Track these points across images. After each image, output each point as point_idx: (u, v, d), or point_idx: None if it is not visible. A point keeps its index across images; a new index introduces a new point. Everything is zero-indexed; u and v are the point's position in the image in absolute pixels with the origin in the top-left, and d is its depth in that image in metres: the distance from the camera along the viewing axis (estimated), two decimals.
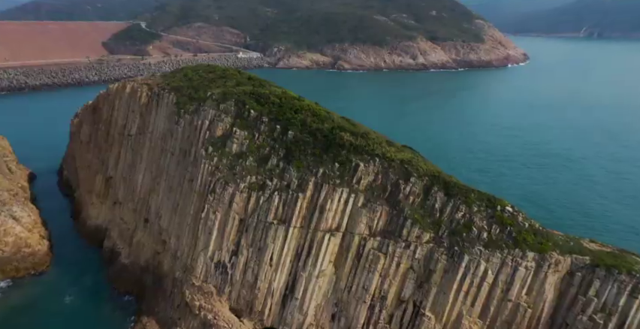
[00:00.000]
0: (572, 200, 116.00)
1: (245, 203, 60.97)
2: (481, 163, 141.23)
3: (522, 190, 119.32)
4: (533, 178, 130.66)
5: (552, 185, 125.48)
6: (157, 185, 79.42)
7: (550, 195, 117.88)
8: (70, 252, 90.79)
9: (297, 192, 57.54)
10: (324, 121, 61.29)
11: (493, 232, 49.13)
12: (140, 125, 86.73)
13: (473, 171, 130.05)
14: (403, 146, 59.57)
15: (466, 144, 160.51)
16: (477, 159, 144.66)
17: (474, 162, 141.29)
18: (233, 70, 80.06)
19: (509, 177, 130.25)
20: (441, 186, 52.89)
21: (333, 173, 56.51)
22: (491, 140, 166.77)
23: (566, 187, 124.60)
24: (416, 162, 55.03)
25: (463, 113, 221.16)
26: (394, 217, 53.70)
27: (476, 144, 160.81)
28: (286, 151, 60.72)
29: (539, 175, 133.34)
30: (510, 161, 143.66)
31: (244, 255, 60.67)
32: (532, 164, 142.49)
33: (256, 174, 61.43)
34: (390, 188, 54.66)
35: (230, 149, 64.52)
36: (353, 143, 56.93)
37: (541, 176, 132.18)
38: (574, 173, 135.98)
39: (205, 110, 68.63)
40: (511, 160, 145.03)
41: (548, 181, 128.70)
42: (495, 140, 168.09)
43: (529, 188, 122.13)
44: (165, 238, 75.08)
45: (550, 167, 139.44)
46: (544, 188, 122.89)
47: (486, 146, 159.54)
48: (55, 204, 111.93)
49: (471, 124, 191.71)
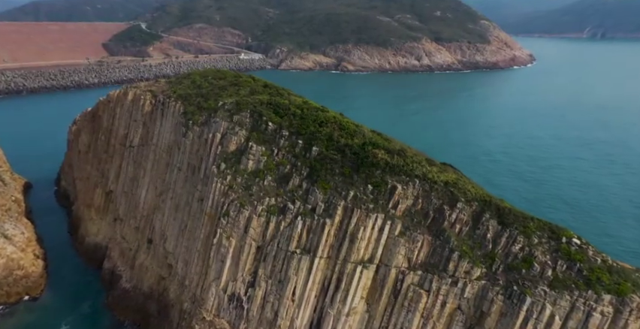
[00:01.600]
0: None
1: (263, 228, 53.84)
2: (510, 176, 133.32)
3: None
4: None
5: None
6: (162, 202, 72.27)
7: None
8: (66, 274, 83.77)
9: (323, 217, 50.39)
10: (353, 135, 54.10)
11: (558, 269, 41.93)
12: (144, 136, 79.61)
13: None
14: (443, 164, 52.38)
15: (489, 155, 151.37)
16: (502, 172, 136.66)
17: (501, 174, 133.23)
18: (246, 77, 72.71)
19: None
20: (493, 213, 45.72)
21: (366, 196, 49.35)
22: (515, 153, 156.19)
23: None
24: (462, 184, 47.86)
25: (482, 119, 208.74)
26: (438, 248, 46.55)
27: (501, 156, 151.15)
28: (310, 169, 53.55)
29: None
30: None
31: (262, 288, 53.52)
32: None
33: (275, 196, 54.29)
34: (432, 215, 47.49)
35: (246, 167, 57.40)
36: (389, 162, 49.71)
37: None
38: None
39: (216, 122, 61.45)
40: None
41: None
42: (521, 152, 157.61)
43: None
44: (171, 262, 67.94)
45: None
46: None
47: (509, 159, 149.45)
48: (51, 218, 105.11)
49: (493, 135, 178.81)
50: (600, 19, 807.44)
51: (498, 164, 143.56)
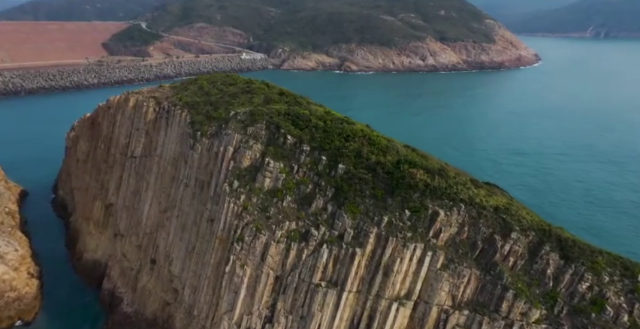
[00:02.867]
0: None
1: (282, 256, 47.68)
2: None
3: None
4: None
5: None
6: (166, 220, 66.06)
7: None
8: (63, 294, 77.51)
9: (352, 246, 44.22)
10: (385, 152, 47.80)
11: (636, 313, 35.90)
12: (146, 146, 73.36)
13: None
14: (488, 185, 46.13)
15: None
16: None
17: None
18: (259, 83, 66.18)
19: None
20: (554, 245, 39.53)
21: (403, 222, 43.15)
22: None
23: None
24: (515, 210, 41.62)
25: (500, 124, 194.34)
26: (488, 285, 40.41)
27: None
28: (336, 190, 47.32)
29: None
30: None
31: (281, 324, 47.35)
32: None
33: (296, 219, 48.09)
34: (481, 246, 41.33)
35: (262, 185, 51.20)
36: (429, 184, 43.47)
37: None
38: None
39: (228, 134, 55.18)
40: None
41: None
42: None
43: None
44: (177, 287, 61.76)
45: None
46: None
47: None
48: (48, 229, 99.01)
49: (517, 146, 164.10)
50: (603, 19, 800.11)
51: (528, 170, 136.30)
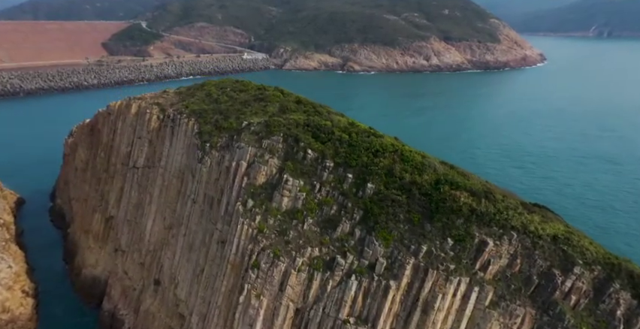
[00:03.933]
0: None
1: (304, 287, 42.42)
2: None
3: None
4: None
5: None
6: (172, 237, 60.81)
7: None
8: (60, 314, 72.38)
9: (386, 278, 38.97)
10: (420, 170, 42.52)
11: None
12: (150, 156, 68.05)
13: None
14: (538, 207, 40.82)
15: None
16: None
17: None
18: (273, 90, 60.53)
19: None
20: (624, 282, 34.35)
21: (445, 252, 37.90)
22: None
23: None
24: (577, 240, 36.37)
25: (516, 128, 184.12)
26: (546, 326, 35.19)
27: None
28: (364, 213, 42.07)
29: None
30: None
31: None
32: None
33: (320, 245, 42.83)
34: (537, 281, 36.08)
35: (279, 205, 45.92)
36: (475, 209, 38.23)
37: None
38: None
39: (241, 147, 49.87)
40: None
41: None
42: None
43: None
44: (184, 313, 56.52)
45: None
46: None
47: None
48: (45, 241, 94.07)
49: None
50: (606, 18, 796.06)
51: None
